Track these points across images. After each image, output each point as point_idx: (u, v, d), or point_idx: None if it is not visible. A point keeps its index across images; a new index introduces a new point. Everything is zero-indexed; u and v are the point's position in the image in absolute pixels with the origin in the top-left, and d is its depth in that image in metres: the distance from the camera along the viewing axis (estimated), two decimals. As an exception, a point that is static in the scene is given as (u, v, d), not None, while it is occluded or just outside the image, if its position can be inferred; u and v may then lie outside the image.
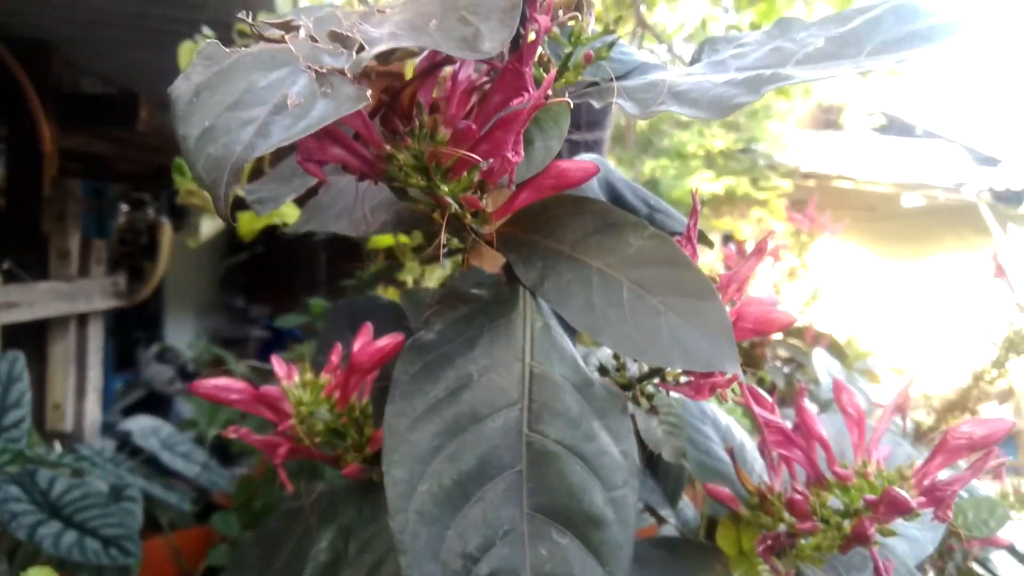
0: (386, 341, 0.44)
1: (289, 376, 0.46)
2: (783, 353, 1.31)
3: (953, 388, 0.88)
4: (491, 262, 0.50)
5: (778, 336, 1.30)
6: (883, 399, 1.07)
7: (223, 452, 1.83)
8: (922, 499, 0.40)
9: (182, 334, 3.90)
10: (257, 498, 1.35)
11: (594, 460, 0.38)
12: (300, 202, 0.52)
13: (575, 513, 0.37)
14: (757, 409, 0.42)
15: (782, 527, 0.46)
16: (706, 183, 5.54)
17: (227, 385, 0.43)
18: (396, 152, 0.35)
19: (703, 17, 2.25)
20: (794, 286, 1.35)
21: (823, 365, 0.96)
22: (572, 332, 0.44)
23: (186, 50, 1.13)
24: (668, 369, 0.46)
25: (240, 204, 1.09)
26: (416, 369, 0.39)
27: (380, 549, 0.46)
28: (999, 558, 0.97)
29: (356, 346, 0.44)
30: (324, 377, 0.46)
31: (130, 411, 2.97)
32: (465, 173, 0.36)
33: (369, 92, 0.26)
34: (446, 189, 0.36)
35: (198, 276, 4.13)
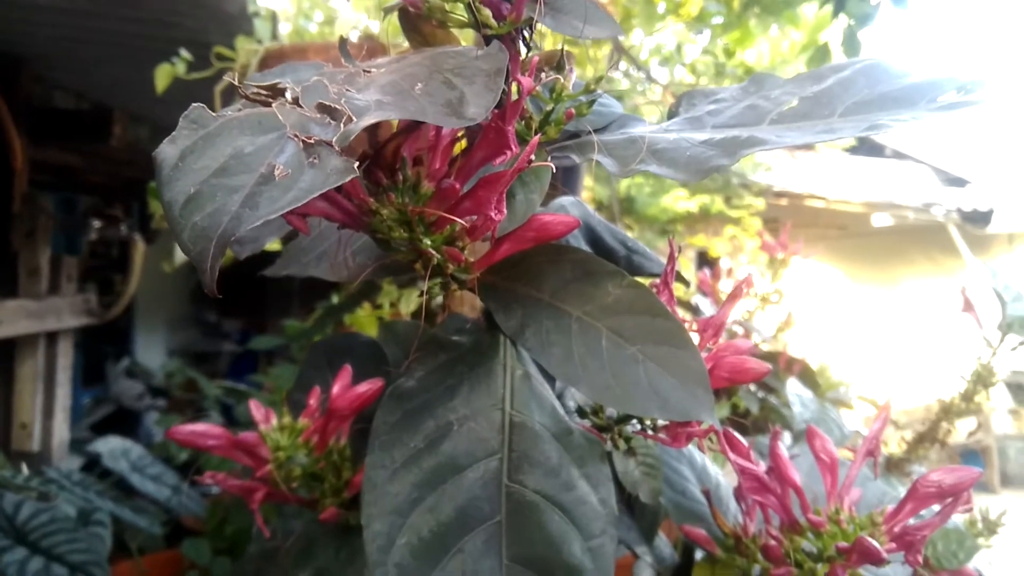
0: (365, 387, 0.44)
1: (267, 420, 0.46)
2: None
3: (923, 419, 0.90)
4: (472, 305, 0.50)
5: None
6: (855, 426, 1.09)
7: (194, 473, 1.81)
8: (893, 545, 0.41)
9: (152, 349, 3.85)
10: (228, 523, 1.33)
11: (573, 510, 0.39)
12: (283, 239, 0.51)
13: (554, 564, 0.37)
14: (732, 456, 0.43)
15: (756, 569, 0.47)
16: (681, 201, 5.59)
17: (204, 431, 0.43)
18: (380, 207, 0.35)
19: (679, 41, 2.28)
20: (767, 312, 1.36)
21: (796, 395, 0.98)
22: (552, 377, 0.44)
23: (163, 73, 1.12)
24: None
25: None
26: (395, 419, 0.39)
27: (357, 594, 0.46)
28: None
29: (335, 390, 0.44)
30: (302, 422, 0.46)
31: (98, 427, 2.92)
32: (448, 226, 0.37)
33: (355, 160, 0.26)
34: (428, 242, 0.37)
35: (169, 290, 4.08)
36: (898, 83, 0.38)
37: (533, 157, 0.32)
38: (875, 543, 0.38)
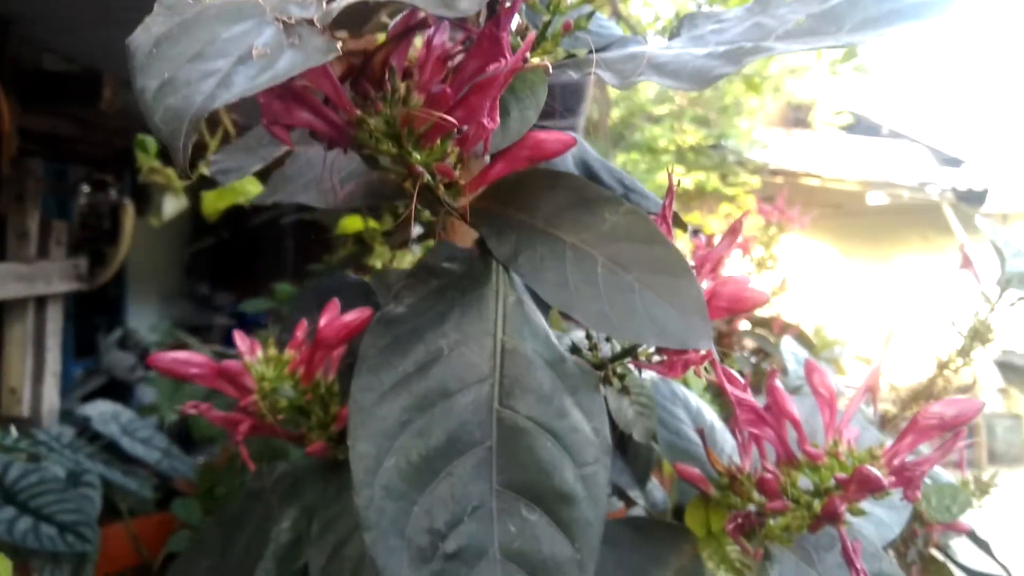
0: (353, 316, 0.43)
1: (252, 351, 0.45)
2: (751, 343, 1.32)
3: (918, 379, 0.89)
4: (463, 240, 0.49)
5: (746, 326, 1.31)
6: (850, 389, 1.08)
7: (185, 440, 1.80)
8: (892, 479, 0.40)
9: (145, 321, 3.82)
10: (219, 485, 1.32)
11: (565, 437, 0.38)
12: (264, 176, 0.50)
13: (545, 490, 0.36)
14: (729, 387, 0.42)
15: (752, 507, 0.46)
16: (676, 178, 5.56)
17: (187, 359, 0.42)
18: (367, 117, 0.34)
19: (677, 9, 2.26)
20: (762, 277, 1.36)
21: (791, 352, 0.97)
22: (545, 309, 0.43)
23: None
24: (641, 348, 0.45)
25: (205, 183, 1.06)
26: (385, 343, 0.38)
27: (344, 529, 0.45)
28: (959, 545, 0.99)
29: (322, 321, 0.42)
30: (289, 353, 0.45)
31: (90, 398, 2.90)
32: (438, 141, 0.35)
33: (339, 45, 0.25)
34: (418, 157, 0.35)
35: (162, 263, 4.05)
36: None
37: (528, 56, 0.30)
38: (875, 471, 0.37)
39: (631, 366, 0.50)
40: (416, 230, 1.20)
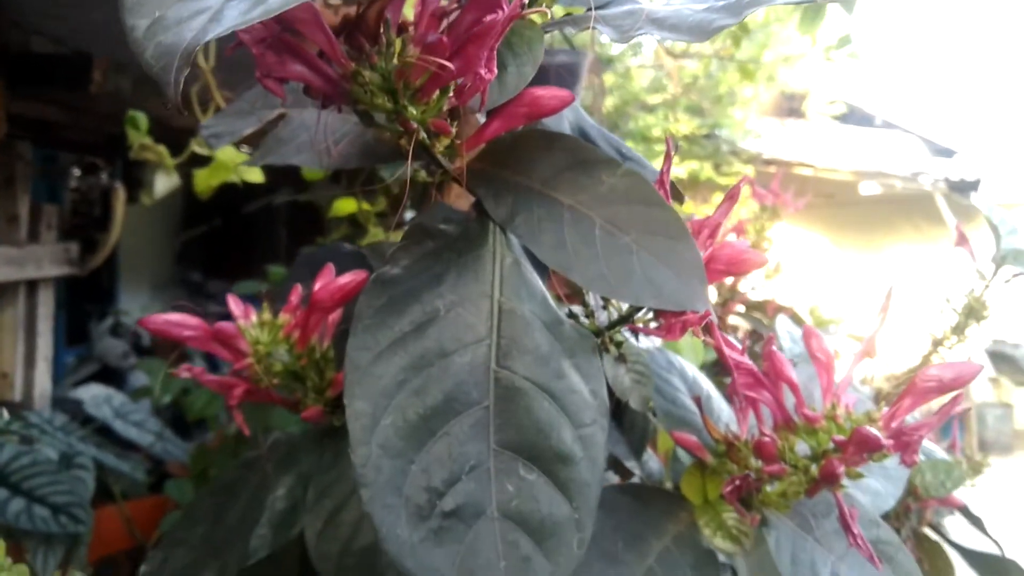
0: (349, 278, 0.42)
1: (246, 316, 0.44)
2: (745, 325, 1.32)
3: (912, 360, 0.89)
4: (459, 206, 0.48)
5: (740, 309, 1.31)
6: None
7: (179, 424, 1.79)
8: (890, 442, 0.40)
9: (137, 309, 3.80)
10: (213, 467, 1.32)
11: (563, 398, 0.37)
12: (253, 142, 0.49)
13: (543, 450, 0.36)
14: (727, 351, 0.42)
15: (749, 472, 0.46)
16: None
17: (180, 320, 0.41)
18: (362, 70, 0.33)
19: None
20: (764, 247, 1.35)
21: (786, 330, 0.97)
22: (543, 273, 0.43)
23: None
24: (638, 315, 0.45)
25: (197, 161, 1.05)
26: (381, 303, 0.38)
27: (341, 494, 0.45)
28: (952, 523, 0.99)
29: (317, 284, 0.42)
30: (283, 317, 0.45)
31: (83, 385, 2.89)
32: (435, 95, 0.35)
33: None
34: (414, 112, 0.35)
35: (154, 250, 4.03)
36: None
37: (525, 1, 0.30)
38: (874, 430, 0.37)
39: (628, 333, 0.50)
40: (409, 215, 1.20)
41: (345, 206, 1.35)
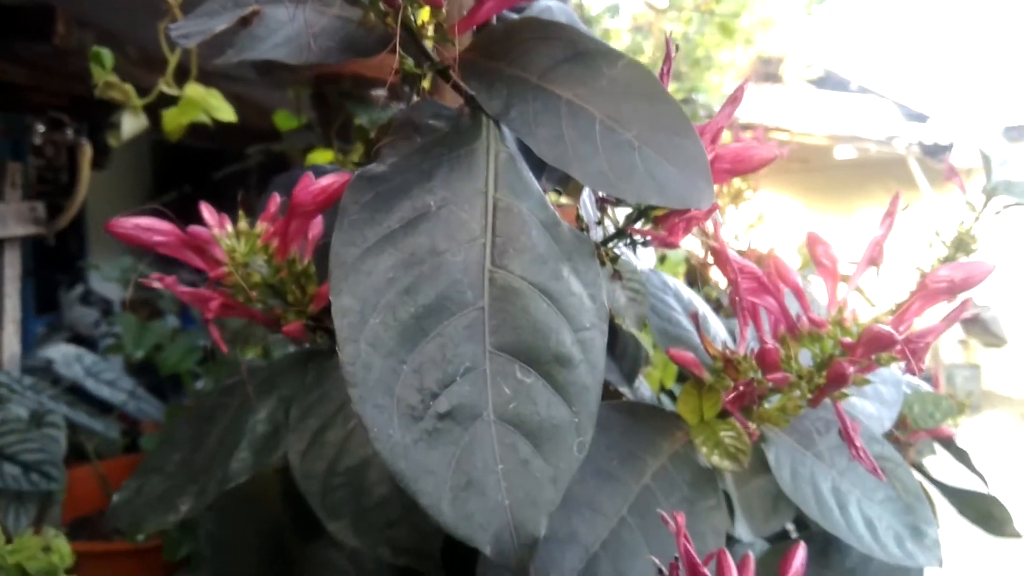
0: (332, 179, 0.39)
1: (221, 225, 0.41)
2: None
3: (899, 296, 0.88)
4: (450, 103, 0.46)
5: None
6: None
7: (154, 388, 1.75)
8: (898, 347, 0.39)
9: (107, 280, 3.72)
10: (190, 424, 1.29)
11: (561, 300, 0.35)
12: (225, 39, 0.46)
13: (541, 352, 0.34)
14: (731, 253, 0.40)
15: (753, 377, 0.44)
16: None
17: (150, 225, 0.39)
18: (345, -66, 0.31)
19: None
20: (739, 209, 1.34)
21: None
22: (539, 173, 0.40)
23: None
24: (638, 224, 0.43)
25: (165, 101, 1.01)
26: (367, 199, 0.35)
27: (326, 413, 0.42)
28: (931, 463, 1.00)
29: (297, 187, 0.39)
30: (261, 226, 0.42)
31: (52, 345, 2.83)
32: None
33: None
34: (402, -14, 0.32)
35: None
36: None
37: None
38: (886, 327, 0.35)
39: (625, 249, 0.48)
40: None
41: (320, 157, 1.31)
